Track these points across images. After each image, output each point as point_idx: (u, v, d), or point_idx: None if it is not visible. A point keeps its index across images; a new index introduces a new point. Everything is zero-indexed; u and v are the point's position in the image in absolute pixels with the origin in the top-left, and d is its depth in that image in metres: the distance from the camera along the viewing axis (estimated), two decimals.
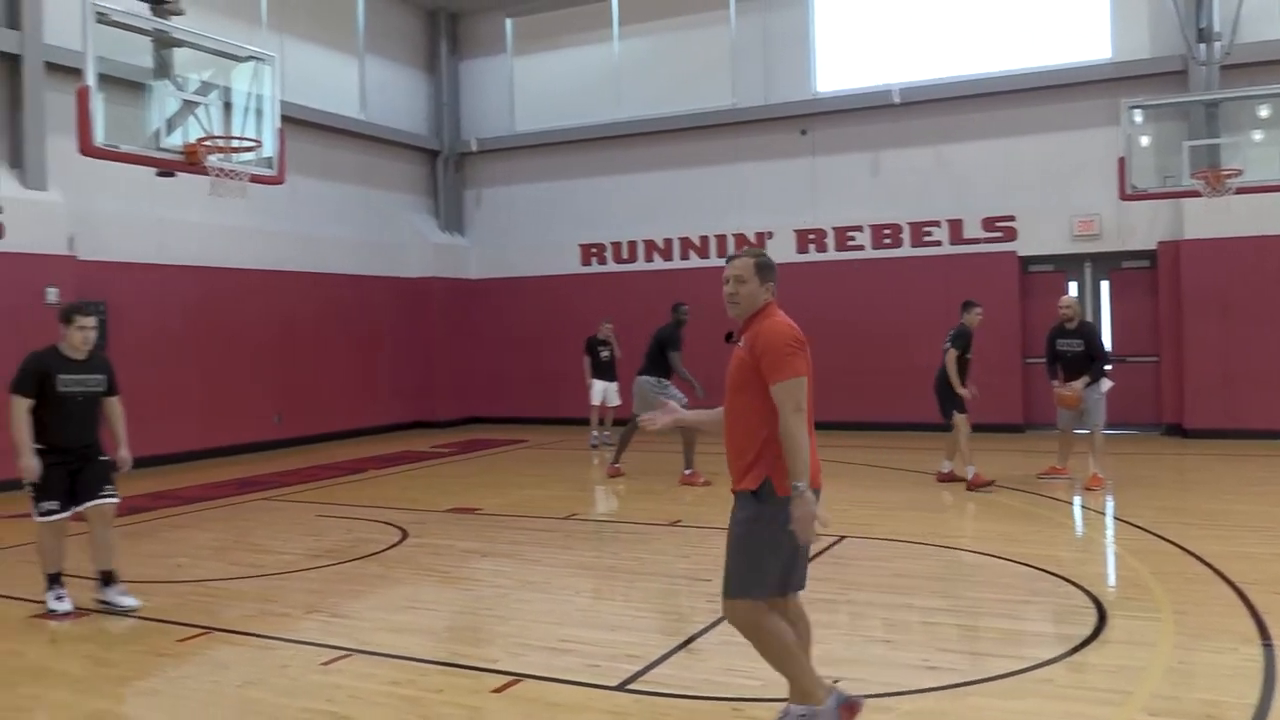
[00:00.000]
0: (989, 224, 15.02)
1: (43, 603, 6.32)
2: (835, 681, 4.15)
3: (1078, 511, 9.11)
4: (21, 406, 6.08)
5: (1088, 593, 6.10)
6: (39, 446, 6.13)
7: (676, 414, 4.40)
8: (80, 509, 6.30)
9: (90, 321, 6.29)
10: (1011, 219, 14.90)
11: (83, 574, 6.85)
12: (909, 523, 8.49)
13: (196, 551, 8.16)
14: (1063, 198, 14.65)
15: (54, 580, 6.32)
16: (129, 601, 6.18)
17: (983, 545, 7.54)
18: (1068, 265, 14.89)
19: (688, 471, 10.85)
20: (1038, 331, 12.06)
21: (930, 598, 6.23)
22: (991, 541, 7.65)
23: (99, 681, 5.12)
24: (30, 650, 5.60)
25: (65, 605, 6.26)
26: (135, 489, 10.30)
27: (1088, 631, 5.36)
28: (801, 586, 4.04)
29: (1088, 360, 10.00)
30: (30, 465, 6.06)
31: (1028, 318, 14.60)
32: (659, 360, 11.13)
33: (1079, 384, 9.94)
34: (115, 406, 6.53)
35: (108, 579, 6.34)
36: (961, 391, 10.16)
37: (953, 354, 10.23)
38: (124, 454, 6.50)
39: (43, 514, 6.19)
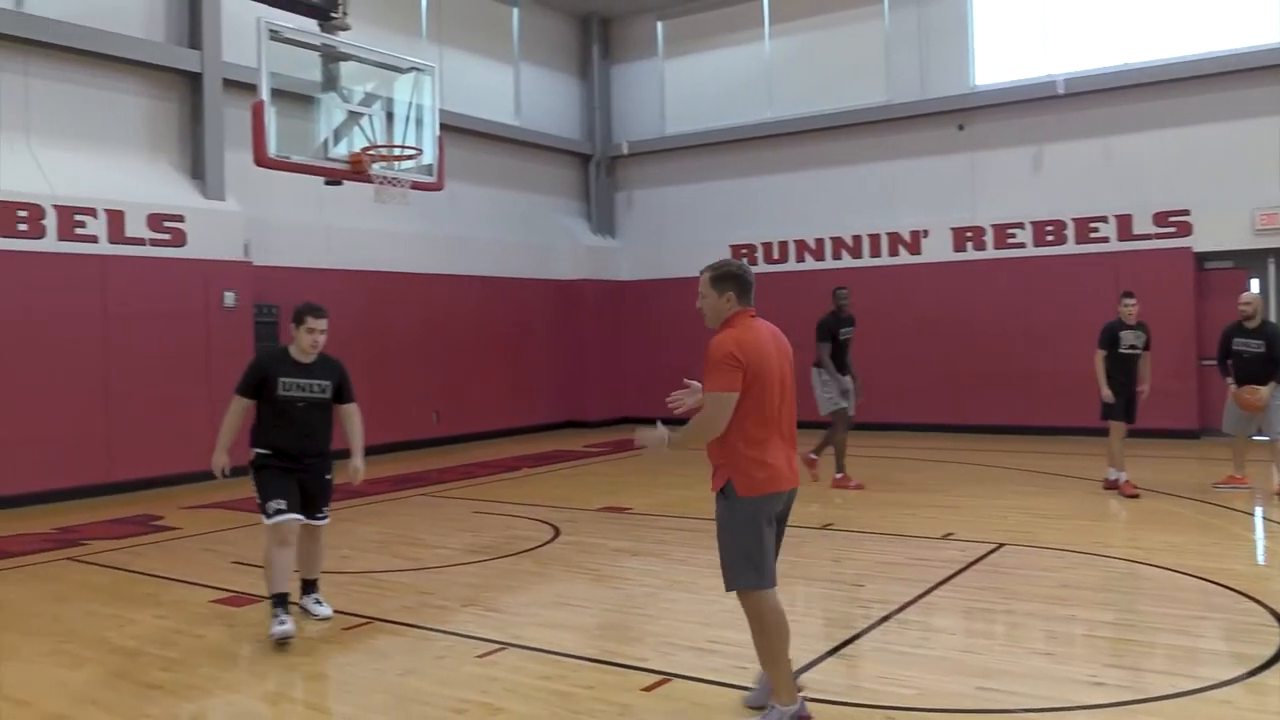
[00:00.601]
0: (1161, 219, 14.26)
1: (222, 589, 6.72)
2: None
3: (1259, 523, 8.55)
4: (236, 405, 5.91)
5: (1270, 610, 5.72)
6: (264, 451, 5.87)
7: (698, 395, 4.42)
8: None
9: (320, 324, 5.90)
10: (1186, 213, 14.11)
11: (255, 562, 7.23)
12: (1073, 531, 8.14)
13: (360, 544, 8.48)
14: (1243, 189, 13.77)
15: (279, 601, 5.73)
16: (323, 610, 6.10)
17: (1153, 556, 7.16)
18: (1249, 261, 13.98)
19: (839, 475, 10.67)
20: (1214, 332, 11.33)
21: (1095, 610, 5.96)
22: (1162, 553, 7.26)
23: (270, 666, 5.38)
24: (210, 634, 5.93)
25: (283, 630, 5.61)
26: None
27: (1270, 652, 5.01)
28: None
29: (1268, 363, 9.36)
30: (218, 461, 5.84)
31: (1203, 318, 13.78)
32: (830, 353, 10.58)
33: (1266, 389, 9.32)
34: (351, 414, 6.17)
35: (308, 586, 6.21)
36: (1105, 394, 9.71)
37: (1099, 354, 9.80)
38: (355, 463, 6.10)
39: (270, 514, 5.76)
